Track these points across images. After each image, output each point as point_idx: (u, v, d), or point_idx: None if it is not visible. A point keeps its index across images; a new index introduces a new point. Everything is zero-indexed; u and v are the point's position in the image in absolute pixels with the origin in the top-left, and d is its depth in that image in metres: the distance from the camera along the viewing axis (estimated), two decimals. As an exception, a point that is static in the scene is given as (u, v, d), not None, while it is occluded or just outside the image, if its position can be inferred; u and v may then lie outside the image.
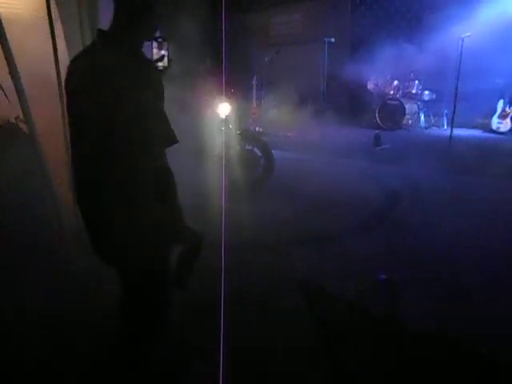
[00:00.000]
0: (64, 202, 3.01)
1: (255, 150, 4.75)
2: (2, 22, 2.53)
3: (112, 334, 1.60)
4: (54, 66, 2.81)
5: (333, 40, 7.58)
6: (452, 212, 3.97)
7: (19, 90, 2.71)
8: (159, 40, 1.89)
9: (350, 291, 2.55)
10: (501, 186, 4.78)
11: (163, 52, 1.96)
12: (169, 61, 1.79)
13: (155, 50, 1.75)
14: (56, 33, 2.75)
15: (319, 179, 5.21)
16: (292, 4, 11.08)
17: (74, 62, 1.34)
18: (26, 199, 3.18)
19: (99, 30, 1.36)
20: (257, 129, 8.26)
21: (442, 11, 7.77)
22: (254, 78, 10.48)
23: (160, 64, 1.72)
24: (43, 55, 3.07)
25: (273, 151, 4.83)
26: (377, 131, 7.53)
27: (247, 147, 4.74)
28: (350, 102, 9.85)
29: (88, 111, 1.24)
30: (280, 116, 9.60)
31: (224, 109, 4.45)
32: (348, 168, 6.03)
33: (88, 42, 2.62)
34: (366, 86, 9.67)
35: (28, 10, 2.83)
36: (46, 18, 2.73)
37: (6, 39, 2.57)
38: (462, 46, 6.05)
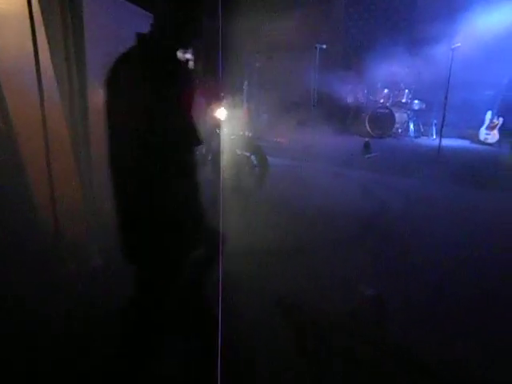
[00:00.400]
0: (42, 203, 2.91)
1: (250, 155, 4.70)
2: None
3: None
4: (33, 63, 2.71)
5: (324, 47, 7.57)
6: (442, 222, 3.95)
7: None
8: None
9: (337, 304, 2.48)
10: (488, 195, 4.79)
11: (188, 56, 2.03)
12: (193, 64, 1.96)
13: (180, 54, 1.89)
14: (37, 28, 2.65)
15: (306, 186, 5.18)
16: (285, 11, 11.10)
17: (117, 64, 1.41)
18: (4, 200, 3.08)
19: (140, 34, 1.43)
20: (246, 134, 8.21)
21: (433, 22, 7.83)
22: (245, 83, 10.47)
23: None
24: (22, 52, 2.99)
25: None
26: (366, 139, 7.53)
27: (242, 152, 4.68)
28: (341, 110, 9.86)
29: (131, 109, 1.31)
30: (270, 122, 9.58)
31: (221, 113, 4.42)
32: (337, 175, 5.99)
33: (70, 40, 2.56)
34: (356, 94, 9.72)
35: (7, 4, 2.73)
36: (27, 13, 2.63)
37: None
38: (451, 57, 6.08)
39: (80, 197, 2.88)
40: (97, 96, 3.04)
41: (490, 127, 7.92)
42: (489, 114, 7.95)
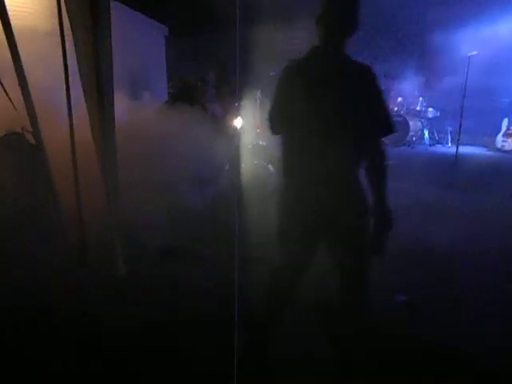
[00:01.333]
0: (67, 211, 2.95)
1: (267, 164, 4.72)
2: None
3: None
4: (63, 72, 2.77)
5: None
6: (461, 229, 3.91)
7: (27, 99, 2.67)
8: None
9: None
10: (507, 202, 4.74)
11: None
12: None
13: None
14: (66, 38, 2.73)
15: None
16: (297, 20, 11.19)
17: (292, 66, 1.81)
18: (31, 208, 3.14)
19: (316, 46, 1.77)
20: (260, 143, 8.25)
21: (448, 29, 7.82)
22: (258, 92, 10.53)
23: None
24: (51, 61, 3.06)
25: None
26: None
27: (259, 162, 4.71)
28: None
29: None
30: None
31: (239, 122, 4.47)
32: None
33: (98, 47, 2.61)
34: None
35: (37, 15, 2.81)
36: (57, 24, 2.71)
37: (15, 45, 2.55)
38: (468, 65, 6.06)
39: (106, 207, 2.91)
40: (121, 107, 3.12)
41: (507, 134, 7.85)
42: (505, 122, 7.89)
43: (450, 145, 8.66)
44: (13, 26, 2.47)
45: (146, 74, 8.01)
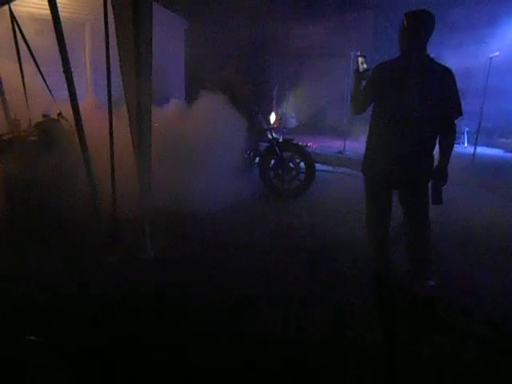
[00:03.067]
0: (103, 197, 3.09)
1: (297, 158, 4.85)
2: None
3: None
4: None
5: (358, 54, 7.64)
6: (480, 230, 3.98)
7: (70, 88, 2.80)
8: (363, 55, 2.61)
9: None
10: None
11: (365, 66, 2.57)
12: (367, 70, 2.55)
13: (360, 64, 2.57)
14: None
15: (344, 190, 5.25)
16: (314, 17, 11.22)
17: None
18: (67, 195, 3.28)
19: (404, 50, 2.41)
20: (276, 137, 8.37)
21: (470, 30, 7.82)
22: (276, 88, 10.62)
23: (365, 74, 2.56)
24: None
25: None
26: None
27: (290, 155, 4.83)
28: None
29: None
30: (301, 126, 9.69)
31: (272, 118, 4.62)
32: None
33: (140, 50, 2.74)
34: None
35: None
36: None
37: (63, 39, 2.68)
38: (489, 66, 6.08)
39: (139, 193, 3.04)
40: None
41: (525, 136, 7.84)
42: (523, 124, 7.88)
43: (466, 145, 8.65)
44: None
45: (167, 66, 8.13)
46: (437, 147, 2.47)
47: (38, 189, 3.30)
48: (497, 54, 6.08)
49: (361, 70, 2.58)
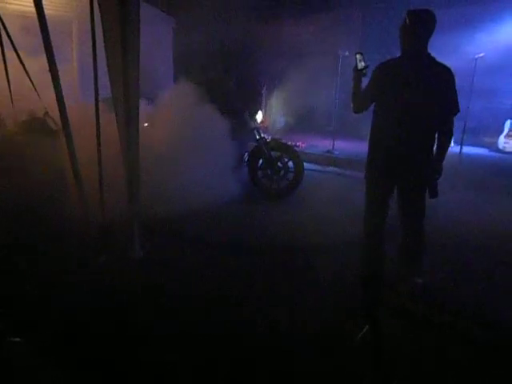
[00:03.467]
0: (90, 197, 3.06)
1: (285, 158, 4.86)
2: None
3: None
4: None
5: (347, 54, 7.70)
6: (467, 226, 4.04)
7: (56, 87, 2.77)
8: (361, 52, 2.64)
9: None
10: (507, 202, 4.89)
11: (363, 64, 2.62)
12: (366, 67, 2.61)
13: (359, 61, 2.63)
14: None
15: (330, 190, 5.29)
16: (303, 16, 11.24)
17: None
18: (55, 195, 3.25)
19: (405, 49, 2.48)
20: (265, 137, 8.38)
21: (456, 31, 7.92)
22: (264, 87, 10.61)
23: (364, 71, 2.62)
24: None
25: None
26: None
27: (278, 155, 4.83)
28: (360, 117, 9.94)
29: None
30: (289, 126, 9.71)
31: (259, 117, 4.62)
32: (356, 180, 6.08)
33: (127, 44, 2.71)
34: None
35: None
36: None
37: (48, 37, 2.65)
38: (474, 66, 6.17)
39: (127, 192, 3.02)
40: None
41: (509, 136, 7.96)
42: (508, 123, 7.99)
43: (452, 144, 8.76)
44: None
45: (154, 64, 8.07)
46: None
47: (23, 189, 3.26)
48: (482, 54, 6.17)
49: (359, 67, 2.62)
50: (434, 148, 2.51)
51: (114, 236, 3.08)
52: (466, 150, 7.22)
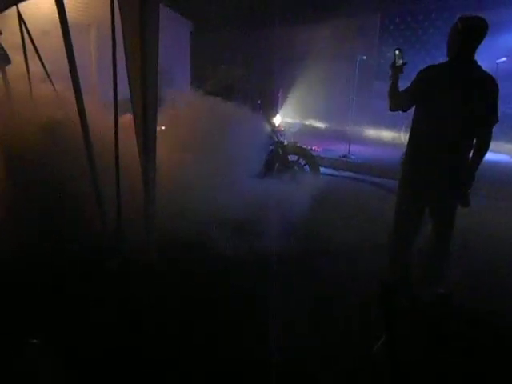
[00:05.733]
0: (108, 201, 3.08)
1: (302, 161, 4.85)
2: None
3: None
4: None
5: (364, 58, 7.65)
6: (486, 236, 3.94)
7: (76, 90, 2.80)
8: (400, 48, 2.59)
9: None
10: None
11: (401, 61, 2.59)
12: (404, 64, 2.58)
13: (398, 58, 2.59)
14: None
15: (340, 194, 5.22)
16: (320, 21, 11.22)
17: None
18: (72, 197, 3.27)
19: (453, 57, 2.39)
20: (285, 140, 8.35)
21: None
22: (280, 91, 10.59)
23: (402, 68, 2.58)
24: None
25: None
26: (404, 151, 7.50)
27: (295, 159, 4.82)
28: (376, 121, 9.86)
29: None
30: (305, 130, 9.67)
31: (276, 120, 4.62)
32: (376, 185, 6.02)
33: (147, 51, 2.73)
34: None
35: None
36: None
37: (69, 39, 2.68)
38: (496, 71, 6.04)
39: (143, 198, 3.03)
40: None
41: (531, 142, 7.78)
42: (529, 130, 7.81)
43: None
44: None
45: (172, 68, 8.14)
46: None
47: (39, 189, 3.28)
48: (504, 59, 6.05)
49: (398, 63, 2.57)
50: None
51: (128, 239, 3.08)
52: (487, 156, 7.06)
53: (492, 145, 2.40)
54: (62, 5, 2.64)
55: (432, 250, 2.59)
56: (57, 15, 2.62)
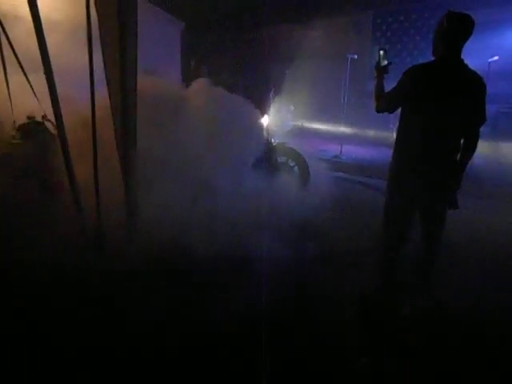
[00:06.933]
0: (86, 202, 2.99)
1: (293, 166, 4.78)
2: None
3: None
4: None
5: (356, 57, 7.58)
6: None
7: (51, 89, 2.70)
8: (385, 48, 2.53)
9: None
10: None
11: (386, 61, 2.53)
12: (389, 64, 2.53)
13: (382, 58, 2.54)
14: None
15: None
16: (313, 20, 11.15)
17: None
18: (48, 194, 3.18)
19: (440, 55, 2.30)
20: (274, 140, 8.26)
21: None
22: (272, 90, 10.51)
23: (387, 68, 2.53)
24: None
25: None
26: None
27: (285, 161, 4.72)
28: (370, 120, 9.81)
29: None
30: (297, 129, 9.59)
31: (264, 121, 4.53)
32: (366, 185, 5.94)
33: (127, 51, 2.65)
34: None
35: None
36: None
37: (43, 38, 2.58)
38: (488, 70, 6.00)
39: (124, 197, 2.95)
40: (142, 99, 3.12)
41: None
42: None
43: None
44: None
45: (161, 67, 8.05)
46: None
47: (20, 191, 3.19)
48: (496, 58, 6.01)
49: (382, 64, 2.49)
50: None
51: (109, 243, 2.99)
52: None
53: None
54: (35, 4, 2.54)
55: (422, 254, 2.52)
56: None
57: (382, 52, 2.50)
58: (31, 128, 3.51)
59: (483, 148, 2.81)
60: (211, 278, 2.89)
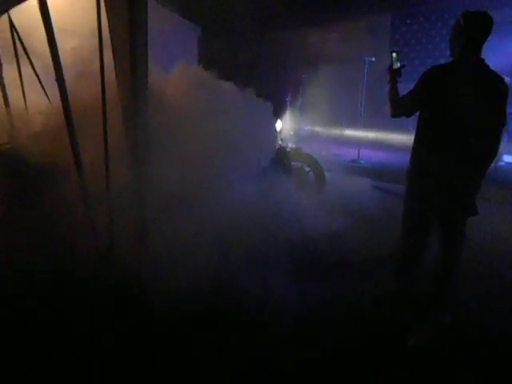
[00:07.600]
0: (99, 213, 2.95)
1: (306, 167, 4.70)
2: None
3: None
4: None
5: (373, 59, 7.44)
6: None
7: (62, 95, 2.69)
8: (398, 51, 2.46)
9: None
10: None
11: (399, 63, 2.45)
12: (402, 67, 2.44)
13: (395, 61, 2.44)
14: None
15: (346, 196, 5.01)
16: (329, 23, 11.03)
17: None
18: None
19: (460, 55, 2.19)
20: (289, 145, 8.17)
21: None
22: (289, 95, 10.44)
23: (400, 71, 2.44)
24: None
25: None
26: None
27: (301, 166, 4.65)
28: (388, 123, 9.61)
29: None
30: (314, 134, 9.49)
31: (278, 125, 4.48)
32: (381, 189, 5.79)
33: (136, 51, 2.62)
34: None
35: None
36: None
37: (54, 41, 2.57)
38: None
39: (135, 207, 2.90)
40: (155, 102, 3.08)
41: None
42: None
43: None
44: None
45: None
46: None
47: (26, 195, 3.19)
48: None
49: (395, 67, 2.40)
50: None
51: (120, 247, 2.94)
52: (506, 158, 6.79)
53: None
54: (47, 9, 2.54)
55: (440, 263, 2.37)
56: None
57: (394, 54, 2.41)
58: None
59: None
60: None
